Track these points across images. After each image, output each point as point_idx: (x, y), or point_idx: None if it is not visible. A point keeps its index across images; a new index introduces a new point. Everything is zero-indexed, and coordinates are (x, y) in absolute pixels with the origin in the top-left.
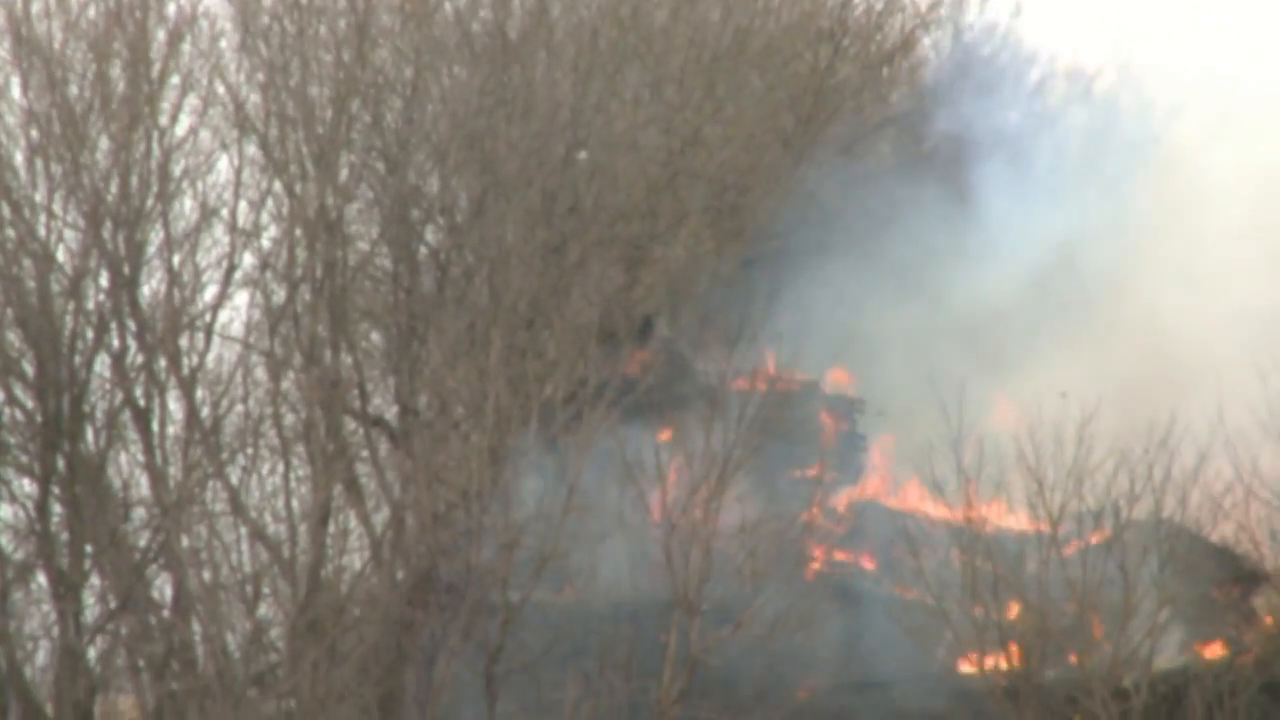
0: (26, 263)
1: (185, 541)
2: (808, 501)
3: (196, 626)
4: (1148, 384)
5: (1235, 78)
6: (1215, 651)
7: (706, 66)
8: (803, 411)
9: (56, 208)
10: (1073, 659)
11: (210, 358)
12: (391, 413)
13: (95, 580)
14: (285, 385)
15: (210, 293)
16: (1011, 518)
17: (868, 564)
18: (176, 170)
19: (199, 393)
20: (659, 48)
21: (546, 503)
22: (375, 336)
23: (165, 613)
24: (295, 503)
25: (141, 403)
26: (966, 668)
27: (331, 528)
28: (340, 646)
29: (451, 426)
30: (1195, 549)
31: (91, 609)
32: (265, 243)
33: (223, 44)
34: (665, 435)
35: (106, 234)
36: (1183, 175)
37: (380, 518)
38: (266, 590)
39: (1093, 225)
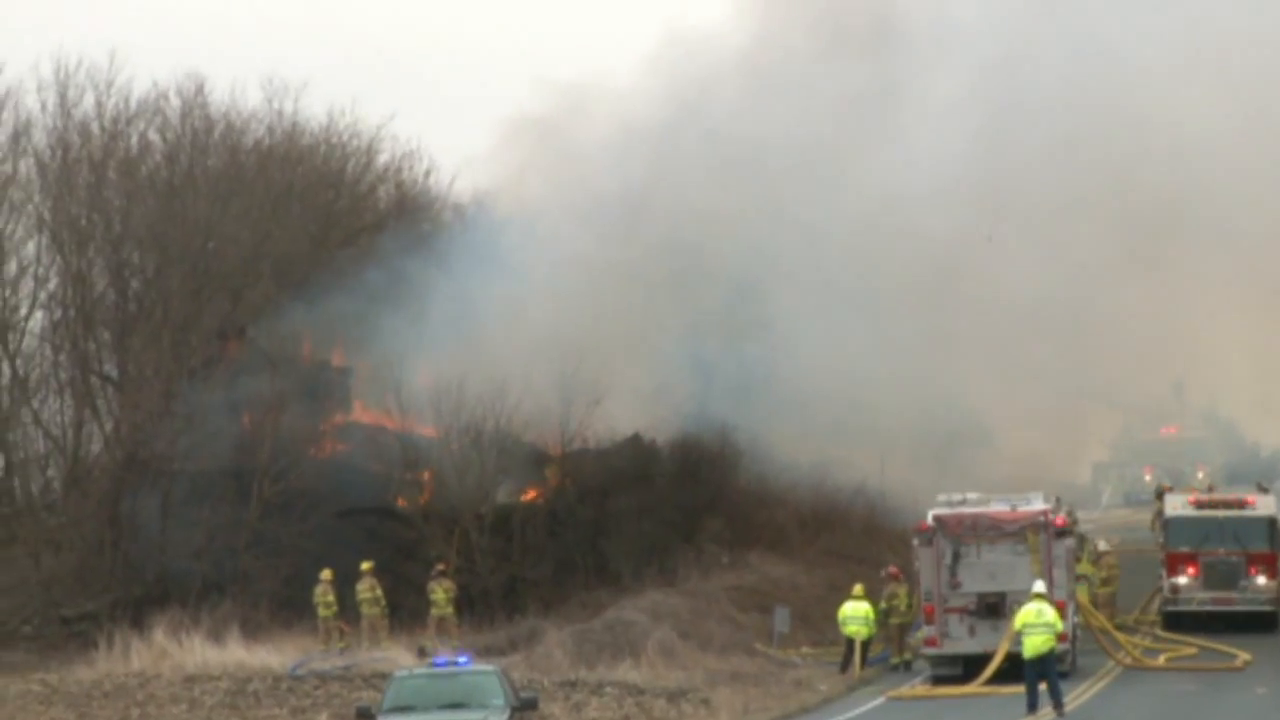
0: None
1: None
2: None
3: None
4: None
5: None
6: (529, 495)
7: (274, 200)
8: (326, 373)
9: None
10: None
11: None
12: (115, 373)
13: None
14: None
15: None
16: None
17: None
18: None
19: (18, 362)
20: (249, 188)
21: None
22: (107, 335)
23: None
24: (68, 415)
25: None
26: (401, 502)
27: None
28: (88, 490)
29: (144, 382)
30: (511, 447)
31: None
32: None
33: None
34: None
35: None
36: None
37: (109, 426)
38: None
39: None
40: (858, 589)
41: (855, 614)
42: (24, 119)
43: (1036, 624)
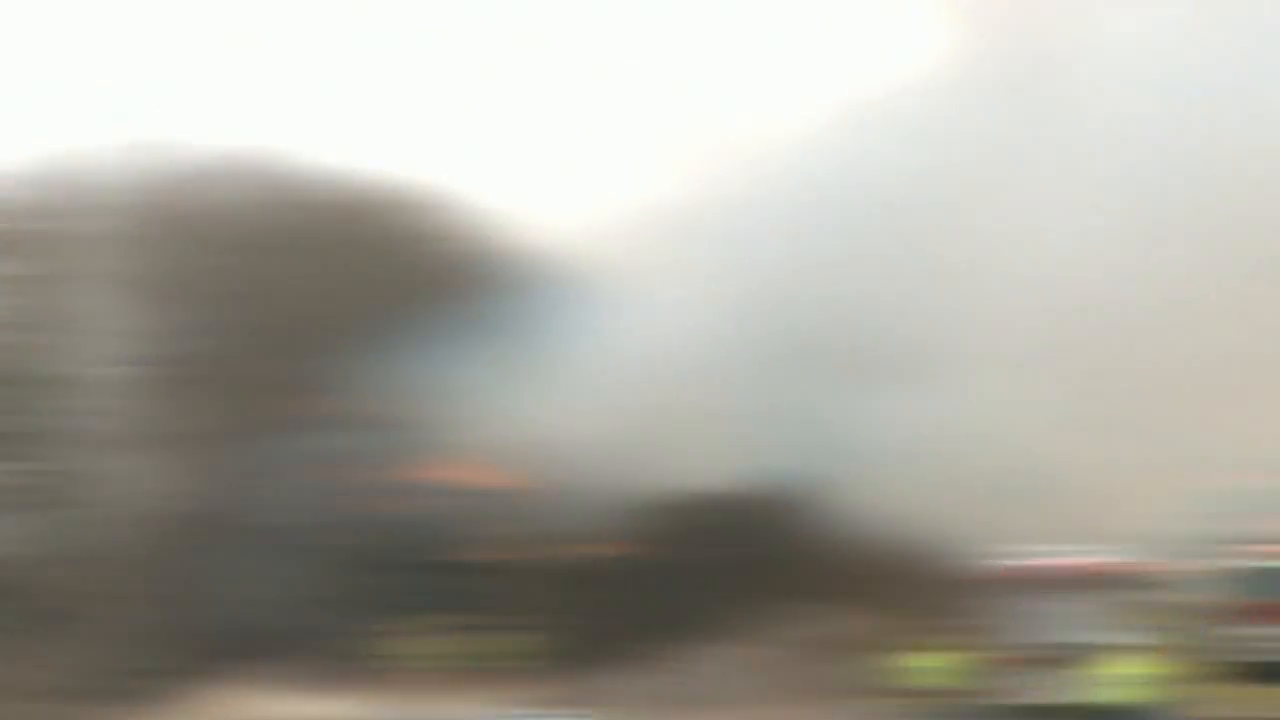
0: None
1: None
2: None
3: None
4: None
5: None
6: (607, 548)
7: (345, 255)
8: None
9: None
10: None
11: None
12: (184, 429)
13: None
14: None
15: None
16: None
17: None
18: None
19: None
20: (320, 243)
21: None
22: (176, 390)
23: None
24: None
25: None
26: (476, 555)
27: None
28: (156, 545)
29: (214, 437)
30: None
31: None
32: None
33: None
34: None
35: None
36: None
37: (178, 481)
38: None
39: None
40: (929, 639)
41: (926, 664)
42: (96, 176)
43: (1121, 675)
